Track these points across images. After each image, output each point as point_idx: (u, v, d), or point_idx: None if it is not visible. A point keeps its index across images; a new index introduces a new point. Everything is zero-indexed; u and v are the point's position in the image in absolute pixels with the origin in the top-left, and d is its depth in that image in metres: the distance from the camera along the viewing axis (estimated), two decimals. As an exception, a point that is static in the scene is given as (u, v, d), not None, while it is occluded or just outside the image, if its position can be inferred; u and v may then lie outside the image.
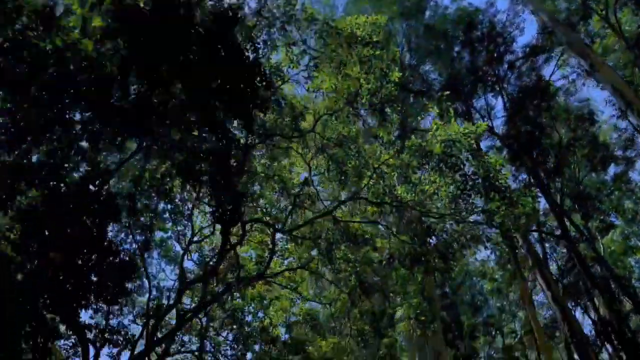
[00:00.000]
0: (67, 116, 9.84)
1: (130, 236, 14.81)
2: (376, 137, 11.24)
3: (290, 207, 12.06)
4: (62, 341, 15.19)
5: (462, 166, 9.48)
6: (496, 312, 33.21)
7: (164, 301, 17.94)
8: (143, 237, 15.06)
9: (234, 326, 13.47)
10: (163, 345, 14.68)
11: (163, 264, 18.77)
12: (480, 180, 9.37)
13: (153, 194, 15.40)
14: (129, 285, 14.99)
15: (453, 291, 29.30)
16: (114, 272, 13.41)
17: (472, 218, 11.13)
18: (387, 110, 11.28)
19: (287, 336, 15.25)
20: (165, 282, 19.15)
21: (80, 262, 12.91)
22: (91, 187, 10.93)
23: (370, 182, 11.44)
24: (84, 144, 10.12)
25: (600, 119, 27.87)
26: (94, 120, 9.59)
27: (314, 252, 15.96)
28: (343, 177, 12.02)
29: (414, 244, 10.80)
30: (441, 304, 26.72)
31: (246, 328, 13.54)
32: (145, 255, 15.18)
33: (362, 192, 11.98)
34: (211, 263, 14.41)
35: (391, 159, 11.11)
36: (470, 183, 9.57)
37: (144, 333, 14.29)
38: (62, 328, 15.25)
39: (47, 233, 12.19)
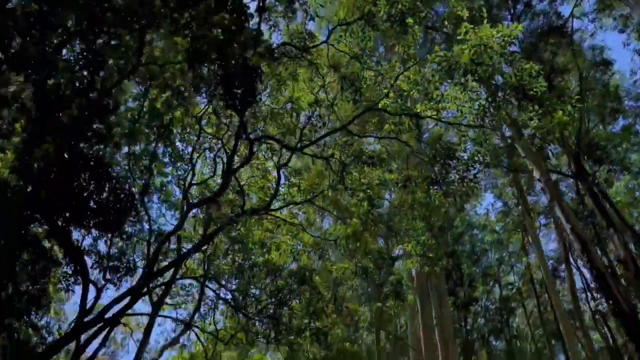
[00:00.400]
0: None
1: (129, 179, 14.28)
2: (394, 46, 10.32)
3: (301, 128, 11.28)
4: (61, 269, 14.77)
5: (493, 75, 8.63)
6: (495, 264, 33.27)
7: (165, 246, 17.54)
8: (142, 181, 14.58)
9: (238, 255, 12.97)
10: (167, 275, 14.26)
11: (163, 209, 18.36)
12: (510, 89, 8.56)
13: (152, 137, 14.78)
14: (128, 229, 14.54)
15: (454, 240, 29.08)
16: (112, 198, 12.83)
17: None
18: (409, 20, 10.33)
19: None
20: (166, 227, 18.63)
21: (77, 186, 12.32)
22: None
23: (387, 101, 10.64)
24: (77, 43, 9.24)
25: (614, 68, 27.03)
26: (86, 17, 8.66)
27: (320, 195, 15.33)
28: (358, 97, 11.19)
29: (433, 163, 10.11)
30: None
31: (251, 258, 13.07)
32: (145, 200, 14.73)
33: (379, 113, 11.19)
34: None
35: (411, 74, 10.26)
36: (500, 94, 8.78)
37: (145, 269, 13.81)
38: (61, 258, 14.81)
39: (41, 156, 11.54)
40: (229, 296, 13.40)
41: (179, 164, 15.65)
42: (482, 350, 32.20)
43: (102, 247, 14.42)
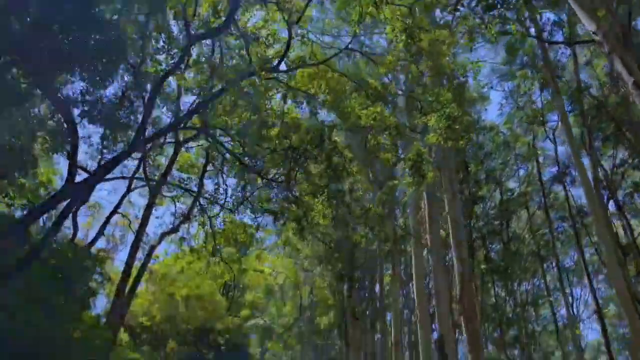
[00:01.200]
0: None
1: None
2: None
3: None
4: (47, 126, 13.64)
5: None
6: (499, 168, 32.55)
7: (161, 140, 16.17)
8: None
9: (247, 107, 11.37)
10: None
11: (158, 100, 17.05)
12: None
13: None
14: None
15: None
16: (100, 48, 11.36)
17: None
18: None
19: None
20: (161, 115, 17.13)
21: (57, 27, 10.85)
22: None
23: None
24: None
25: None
26: None
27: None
28: None
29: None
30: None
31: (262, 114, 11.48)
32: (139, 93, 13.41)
33: None
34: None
35: None
36: None
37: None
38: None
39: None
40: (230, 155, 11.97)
41: (173, 51, 14.17)
42: (480, 251, 32.30)
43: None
